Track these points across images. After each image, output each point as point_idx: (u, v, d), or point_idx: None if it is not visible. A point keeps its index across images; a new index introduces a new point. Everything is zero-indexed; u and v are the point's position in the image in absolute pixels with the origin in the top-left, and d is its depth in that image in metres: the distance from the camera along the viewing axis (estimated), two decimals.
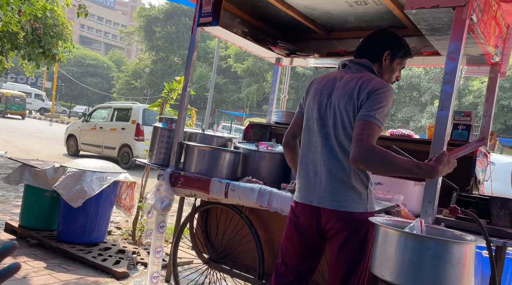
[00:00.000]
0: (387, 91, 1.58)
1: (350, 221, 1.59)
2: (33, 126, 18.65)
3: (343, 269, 1.61)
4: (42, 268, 2.86)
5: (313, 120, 1.71)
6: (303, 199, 1.70)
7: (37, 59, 6.55)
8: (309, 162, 1.70)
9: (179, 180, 2.53)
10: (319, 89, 1.73)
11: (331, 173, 1.62)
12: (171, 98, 4.13)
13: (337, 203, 1.60)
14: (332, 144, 1.64)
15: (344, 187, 1.60)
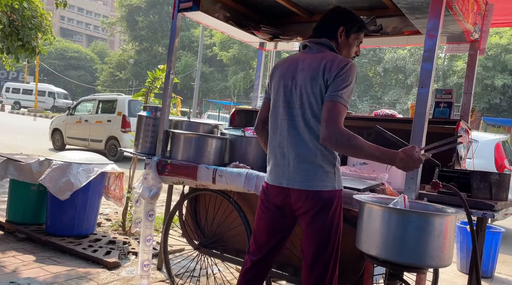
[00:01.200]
0: (351, 68, 1.62)
1: (319, 199, 1.64)
2: (16, 122, 18.29)
3: (315, 245, 1.67)
4: (32, 261, 2.84)
5: (279, 103, 1.75)
6: (273, 181, 1.75)
7: (16, 52, 6.38)
8: (276, 145, 1.75)
9: (166, 168, 2.53)
10: (283, 72, 1.77)
11: (299, 154, 1.67)
12: (155, 87, 4.09)
13: (305, 183, 1.65)
14: (298, 126, 1.68)
15: (311, 167, 1.65)
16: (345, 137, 1.55)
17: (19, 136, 12.45)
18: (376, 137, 2.26)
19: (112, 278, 2.72)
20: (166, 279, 2.79)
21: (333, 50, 1.74)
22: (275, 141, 1.75)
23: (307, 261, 1.69)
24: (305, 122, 1.67)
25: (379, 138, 2.29)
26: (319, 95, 1.63)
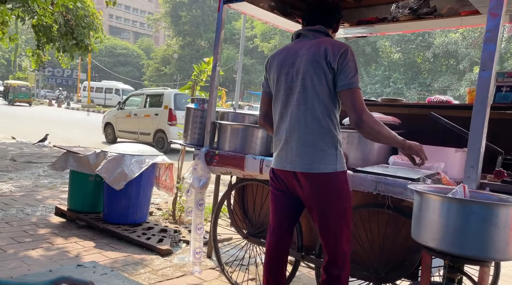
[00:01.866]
0: (352, 53, 1.70)
1: (322, 181, 1.69)
2: (71, 117, 19.47)
3: (324, 228, 1.73)
4: (92, 247, 3.03)
5: (281, 92, 1.80)
6: (278, 165, 1.82)
7: (71, 50, 6.77)
8: (280, 132, 1.81)
9: (214, 158, 2.58)
10: (280, 62, 1.82)
11: (301, 138, 1.72)
12: (201, 80, 4.17)
13: (308, 166, 1.70)
14: (301, 110, 1.72)
15: (314, 150, 1.70)
16: (375, 123, 1.64)
17: (75, 130, 13.26)
18: (430, 124, 2.15)
19: (165, 264, 2.83)
20: (216, 267, 2.87)
21: (328, 36, 1.80)
22: (280, 129, 1.81)
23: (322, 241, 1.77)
24: (307, 106, 1.71)
25: (433, 125, 2.19)
26: (323, 77, 1.68)
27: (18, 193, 4.45)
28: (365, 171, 1.83)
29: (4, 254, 2.70)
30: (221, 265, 2.65)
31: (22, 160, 6.60)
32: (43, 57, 7.58)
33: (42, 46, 6.85)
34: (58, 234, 3.26)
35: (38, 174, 5.57)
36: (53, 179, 5.35)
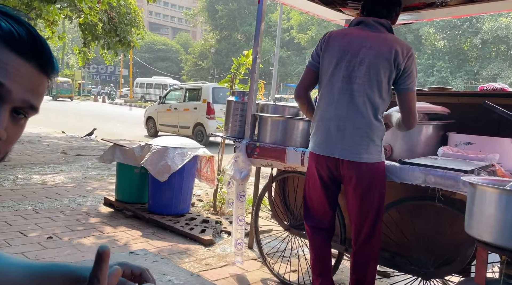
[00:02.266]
0: (414, 55, 1.80)
1: (367, 170, 1.78)
2: (115, 112, 20.29)
3: (363, 213, 1.82)
4: (139, 236, 3.16)
5: (338, 77, 1.81)
6: (323, 152, 1.85)
7: (115, 47, 7.03)
8: (331, 118, 1.82)
9: (255, 151, 2.59)
10: (342, 46, 1.82)
11: (356, 128, 1.76)
12: (240, 73, 4.19)
13: (358, 155, 1.77)
14: (359, 101, 1.76)
15: (365, 141, 1.76)
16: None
17: (118, 124, 13.81)
18: (482, 113, 2.04)
19: (208, 254, 2.90)
20: (257, 258, 2.90)
21: (391, 32, 1.84)
22: (330, 114, 1.82)
23: (355, 227, 1.87)
24: (366, 98, 1.75)
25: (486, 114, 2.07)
26: (387, 75, 1.74)
27: (70, 184, 4.72)
28: (413, 163, 1.77)
29: (60, 241, 2.88)
30: (263, 256, 2.67)
31: (71, 153, 6.97)
32: (88, 55, 7.93)
33: (88, 44, 7.17)
34: (107, 223, 3.42)
35: (87, 167, 5.86)
36: (100, 171, 5.61)
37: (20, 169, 5.26)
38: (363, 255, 1.87)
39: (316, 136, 1.89)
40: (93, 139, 9.19)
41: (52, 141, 8.29)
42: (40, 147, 7.33)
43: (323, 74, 1.87)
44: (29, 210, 3.53)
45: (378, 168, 1.79)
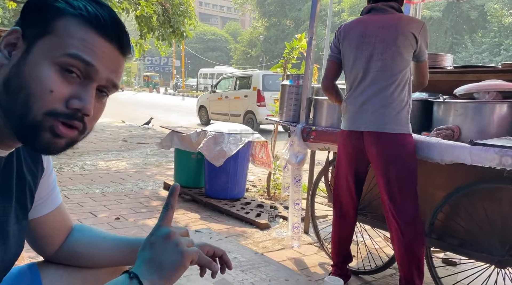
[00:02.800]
0: (427, 29, 1.93)
1: (391, 141, 1.86)
2: (169, 102, 21.05)
3: (392, 187, 1.86)
4: (198, 219, 3.28)
5: (360, 59, 1.94)
6: (350, 127, 1.98)
7: (169, 38, 7.24)
8: (357, 96, 1.95)
9: (311, 135, 2.56)
10: (359, 31, 1.96)
11: (380, 101, 1.87)
12: (292, 57, 4.14)
13: (383, 126, 1.86)
14: (382, 76, 1.88)
15: (391, 112, 1.85)
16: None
17: (173, 113, 14.32)
18: None
19: (264, 237, 2.94)
20: (314, 242, 2.89)
21: (401, 12, 1.96)
22: (356, 92, 1.96)
23: (385, 205, 1.91)
24: (390, 73, 1.87)
25: None
26: (408, 48, 1.86)
27: (132, 169, 4.99)
28: (486, 144, 1.65)
29: (126, 222, 3.07)
30: (320, 240, 2.65)
31: (132, 141, 7.36)
32: (144, 47, 8.24)
33: (144, 36, 7.46)
34: None
35: (146, 154, 6.16)
36: (159, 157, 5.88)
37: (87, 156, 5.65)
38: (392, 233, 1.93)
39: (345, 114, 2.03)
40: (150, 128, 9.62)
41: (114, 130, 8.80)
42: (104, 136, 7.81)
43: (346, 61, 2.02)
44: (97, 193, 3.80)
45: (403, 139, 1.86)
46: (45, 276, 0.89)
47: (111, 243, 0.95)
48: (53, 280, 0.89)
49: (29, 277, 0.87)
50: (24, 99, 0.60)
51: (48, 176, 0.88)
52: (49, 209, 0.88)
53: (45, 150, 0.65)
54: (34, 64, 0.61)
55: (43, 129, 0.62)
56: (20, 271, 0.88)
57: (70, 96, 0.63)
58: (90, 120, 0.68)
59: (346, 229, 2.16)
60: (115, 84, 0.69)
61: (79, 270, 0.93)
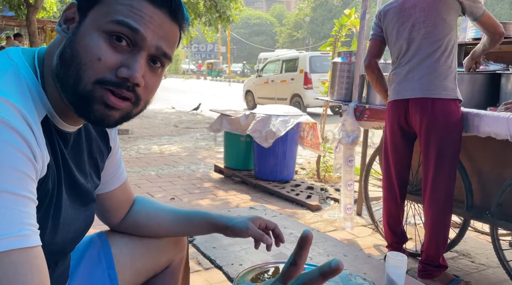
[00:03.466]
0: None
1: (440, 107, 1.81)
2: (215, 87, 21.37)
3: (434, 157, 1.82)
4: (248, 200, 3.32)
5: (402, 32, 1.92)
6: (395, 97, 1.95)
7: (215, 23, 7.30)
8: (402, 66, 1.93)
9: (365, 113, 2.47)
10: (399, 7, 1.95)
11: (426, 67, 1.84)
12: (342, 35, 3.99)
13: (429, 92, 1.82)
14: (426, 44, 1.85)
15: (437, 78, 1.82)
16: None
17: (220, 99, 14.52)
18: None
19: (316, 219, 2.92)
20: (367, 224, 2.82)
21: None
22: (402, 63, 1.94)
23: (426, 180, 1.86)
24: (432, 38, 1.84)
25: None
26: (451, 14, 1.83)
27: (183, 153, 5.15)
28: None
29: (181, 202, 3.18)
30: (375, 222, 2.58)
31: (182, 126, 7.58)
32: (192, 33, 8.37)
33: (191, 22, 7.57)
34: (219, 187, 3.66)
35: (196, 138, 6.32)
36: (208, 141, 6.01)
37: (141, 141, 5.91)
38: (426, 210, 1.90)
39: (390, 87, 2.01)
40: (199, 113, 9.84)
41: (165, 116, 9.11)
42: (156, 121, 8.11)
43: (389, 36, 2.01)
44: (152, 175, 3.96)
45: (450, 105, 1.81)
46: (112, 243, 0.94)
47: (170, 215, 0.98)
48: (120, 247, 0.94)
49: (99, 243, 0.93)
50: (76, 68, 0.61)
51: (114, 154, 0.91)
52: (115, 186, 0.92)
53: (100, 122, 0.65)
54: (85, 33, 0.61)
55: (94, 100, 0.62)
56: (91, 238, 0.94)
57: (119, 65, 0.62)
58: (144, 91, 0.66)
59: (395, 207, 2.10)
60: (166, 53, 0.66)
61: (142, 238, 0.97)
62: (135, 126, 7.02)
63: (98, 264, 0.89)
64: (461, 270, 2.16)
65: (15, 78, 0.60)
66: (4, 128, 0.53)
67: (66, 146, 0.71)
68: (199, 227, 0.97)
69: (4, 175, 0.51)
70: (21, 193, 0.53)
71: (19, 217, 0.52)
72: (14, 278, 0.49)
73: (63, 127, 0.69)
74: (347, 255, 1.15)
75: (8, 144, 0.52)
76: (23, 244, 0.51)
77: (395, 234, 2.12)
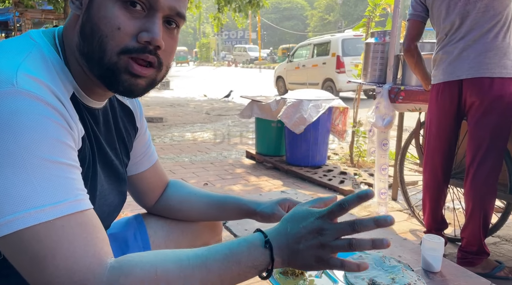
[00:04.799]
0: None
1: (500, 87, 1.70)
2: (246, 74, 21.35)
3: (485, 139, 1.73)
4: (280, 185, 3.32)
5: (455, 6, 1.78)
6: (446, 78, 1.83)
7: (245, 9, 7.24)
8: (454, 43, 1.81)
9: (400, 95, 2.39)
10: None
11: (483, 45, 1.72)
12: (376, 15, 3.85)
13: (488, 71, 1.71)
14: (483, 18, 1.72)
15: (496, 55, 1.70)
16: None
17: (251, 85, 14.51)
18: None
19: None
20: (403, 209, 2.75)
21: None
22: (453, 40, 1.82)
23: (472, 162, 1.78)
24: (490, 12, 1.70)
25: None
26: None
27: (215, 140, 5.21)
28: None
29: (214, 187, 3.23)
30: (411, 207, 2.51)
31: (214, 114, 7.65)
32: (222, 20, 8.36)
33: (221, 9, 7.56)
34: (251, 173, 3.69)
35: (228, 125, 6.37)
36: (240, 128, 6.04)
37: (175, 128, 6.03)
38: (467, 194, 1.83)
39: (439, 67, 1.89)
40: (230, 100, 9.89)
41: (197, 104, 9.23)
42: (188, 109, 8.24)
43: (437, 13, 1.88)
44: (186, 162, 4.04)
45: (509, 85, 1.71)
46: (148, 225, 0.96)
47: (202, 200, 0.99)
48: (155, 229, 0.96)
49: (136, 225, 0.96)
50: (98, 42, 0.62)
51: (142, 135, 0.92)
52: (146, 167, 0.94)
53: (128, 93, 0.66)
54: (99, 5, 0.62)
55: (120, 71, 0.63)
56: (128, 220, 0.97)
57: (138, 30, 0.62)
58: (164, 54, 0.67)
59: (438, 193, 2.03)
60: (179, 13, 0.66)
61: (178, 222, 0.99)
62: (169, 114, 7.17)
63: (134, 244, 0.93)
64: (503, 255, 2.07)
65: (40, 58, 0.62)
66: (40, 103, 0.55)
67: (95, 122, 0.73)
68: (230, 212, 0.98)
69: (50, 146, 0.54)
70: (68, 162, 0.56)
71: (72, 184, 0.55)
72: (82, 236, 0.54)
73: (90, 103, 0.71)
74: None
75: (47, 118, 0.55)
76: (82, 207, 0.55)
77: (435, 220, 2.05)
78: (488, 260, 1.85)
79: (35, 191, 0.51)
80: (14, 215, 0.50)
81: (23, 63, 0.58)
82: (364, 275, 0.89)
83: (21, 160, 0.51)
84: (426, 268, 0.99)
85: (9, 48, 0.61)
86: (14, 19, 11.30)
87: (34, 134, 0.53)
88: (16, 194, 0.50)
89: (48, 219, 0.51)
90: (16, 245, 0.51)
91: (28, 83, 0.55)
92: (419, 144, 2.51)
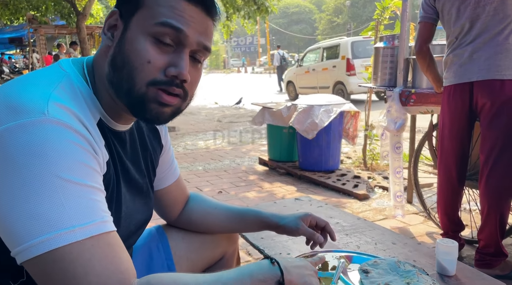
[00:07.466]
0: None
1: (507, 88, 1.70)
2: (256, 80, 21.44)
3: (498, 143, 1.73)
4: (294, 191, 3.34)
5: (465, 9, 1.79)
6: (457, 80, 1.83)
7: (254, 15, 7.31)
8: (465, 46, 1.81)
9: (411, 98, 2.39)
10: None
11: (494, 47, 1.72)
12: (385, 18, 3.86)
13: (499, 73, 1.71)
14: (493, 21, 1.73)
15: (507, 57, 1.70)
16: None
17: (261, 91, 14.56)
18: None
19: (364, 208, 2.88)
20: (419, 212, 2.74)
21: None
22: (464, 43, 1.82)
23: (486, 163, 1.78)
24: (500, 15, 1.71)
25: None
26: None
27: (228, 147, 5.26)
28: None
29: (228, 195, 3.27)
30: (427, 209, 2.50)
31: (225, 121, 7.71)
32: (231, 27, 8.45)
33: (230, 17, 7.64)
34: (264, 180, 3.71)
35: (240, 132, 6.42)
36: (252, 135, 6.08)
37: (188, 137, 6.10)
38: (483, 195, 1.82)
39: (449, 70, 1.89)
40: (241, 107, 9.95)
41: (208, 112, 9.31)
42: (200, 117, 8.32)
43: (447, 16, 1.88)
44: (200, 170, 4.09)
45: None
46: (170, 236, 1.00)
47: (223, 213, 1.03)
48: (176, 240, 1.00)
49: (158, 237, 0.99)
50: (128, 73, 0.65)
51: (167, 152, 0.96)
52: (170, 182, 0.98)
53: (155, 120, 0.70)
54: (132, 39, 0.66)
55: (149, 100, 0.67)
56: (150, 232, 1.01)
57: (167, 65, 0.66)
58: (189, 86, 0.70)
59: (453, 195, 2.02)
60: (206, 47, 0.70)
61: (198, 234, 1.03)
62: (181, 123, 7.25)
63: (158, 255, 0.96)
64: None
65: (69, 87, 0.66)
66: (67, 130, 0.59)
67: (121, 145, 0.77)
68: (251, 225, 1.01)
69: (77, 169, 0.58)
70: (94, 185, 0.60)
71: (98, 206, 0.59)
72: (111, 255, 0.57)
73: (116, 127, 0.75)
74: (396, 243, 1.14)
75: (74, 143, 0.59)
76: (109, 228, 0.59)
77: (452, 221, 2.04)
78: (506, 262, 1.83)
79: (64, 213, 0.54)
80: (46, 235, 0.53)
81: (54, 92, 0.62)
82: (379, 280, 0.91)
83: (50, 183, 0.54)
84: (441, 272, 1.00)
85: (41, 78, 0.65)
86: (28, 35, 11.62)
87: (62, 158, 0.56)
88: (46, 216, 0.53)
89: (78, 239, 0.54)
90: (47, 265, 0.53)
91: (57, 112, 0.59)
92: (432, 146, 2.51)
